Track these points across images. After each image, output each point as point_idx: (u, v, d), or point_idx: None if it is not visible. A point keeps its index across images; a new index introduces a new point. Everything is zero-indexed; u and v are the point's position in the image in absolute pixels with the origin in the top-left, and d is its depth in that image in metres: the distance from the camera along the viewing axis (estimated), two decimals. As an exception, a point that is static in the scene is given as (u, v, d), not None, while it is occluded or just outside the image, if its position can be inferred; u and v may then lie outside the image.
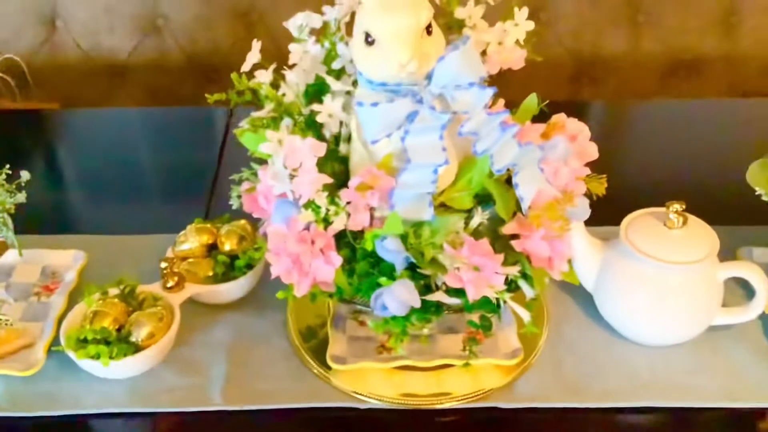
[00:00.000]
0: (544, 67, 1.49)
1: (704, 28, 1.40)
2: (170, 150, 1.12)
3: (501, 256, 0.60)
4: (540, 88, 1.57)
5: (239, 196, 0.72)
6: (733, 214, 0.89)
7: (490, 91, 0.60)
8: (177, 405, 0.72)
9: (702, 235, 0.75)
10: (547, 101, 0.74)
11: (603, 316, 0.79)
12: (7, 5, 1.38)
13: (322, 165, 0.64)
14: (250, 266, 0.80)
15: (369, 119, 0.59)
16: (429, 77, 0.60)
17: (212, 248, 0.82)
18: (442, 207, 0.64)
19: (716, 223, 0.77)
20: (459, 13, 0.71)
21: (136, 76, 1.45)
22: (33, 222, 0.87)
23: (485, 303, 0.63)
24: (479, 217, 0.61)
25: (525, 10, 0.70)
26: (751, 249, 0.87)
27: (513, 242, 0.61)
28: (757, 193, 0.77)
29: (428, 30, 0.59)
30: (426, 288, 0.62)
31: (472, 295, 0.59)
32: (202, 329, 0.79)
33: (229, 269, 0.80)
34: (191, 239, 0.82)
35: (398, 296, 0.59)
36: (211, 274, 0.80)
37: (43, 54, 1.42)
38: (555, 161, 0.65)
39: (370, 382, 0.75)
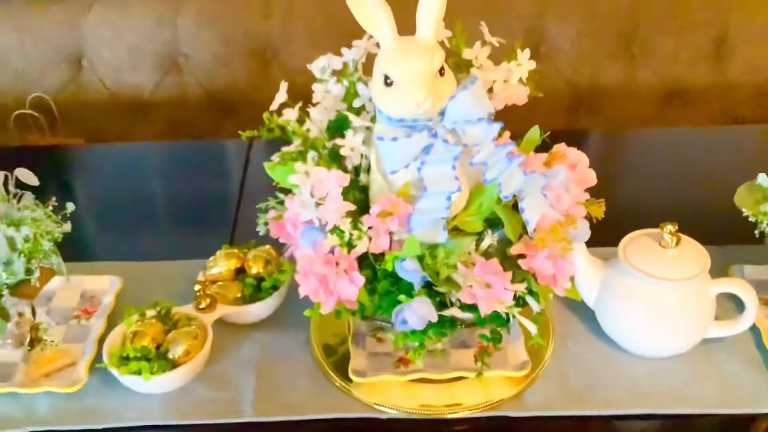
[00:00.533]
0: (544, 99, 1.56)
1: (696, 59, 1.47)
2: (192, 181, 1.19)
3: (509, 274, 0.66)
4: (540, 119, 1.65)
5: (266, 223, 0.79)
6: (725, 234, 0.96)
7: (497, 126, 0.67)
8: (211, 417, 0.78)
9: (694, 254, 0.81)
10: (548, 132, 0.81)
11: (604, 331, 0.85)
12: (37, 47, 1.46)
13: (345, 194, 0.71)
14: (275, 288, 0.86)
15: (389, 152, 0.66)
16: (442, 114, 0.67)
17: (240, 272, 0.88)
18: (455, 230, 0.71)
19: (709, 243, 0.83)
20: (467, 53, 0.78)
21: (157, 111, 1.53)
22: (69, 250, 0.94)
23: (495, 318, 0.69)
24: (489, 239, 0.68)
25: (527, 52, 0.76)
26: (742, 267, 0.93)
27: (520, 261, 0.67)
28: (744, 215, 0.83)
29: (441, 72, 0.66)
30: (441, 304, 0.68)
31: (484, 310, 0.66)
32: (232, 347, 0.85)
33: (256, 291, 0.86)
34: (221, 263, 0.88)
35: (417, 311, 0.65)
36: (239, 295, 0.86)
37: (70, 92, 1.49)
38: (557, 188, 0.72)
39: (389, 394, 0.80)
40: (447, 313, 0.67)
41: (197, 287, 0.83)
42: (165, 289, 0.90)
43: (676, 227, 0.80)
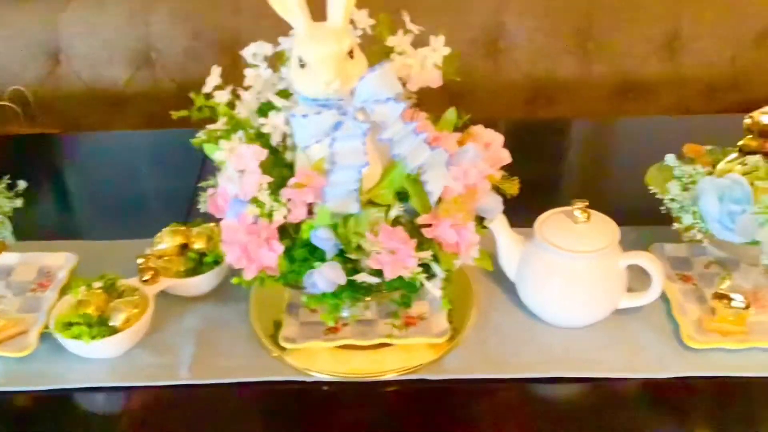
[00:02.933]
0: (503, 90, 1.63)
1: (650, 53, 1.53)
2: (155, 166, 1.25)
3: (414, 242, 0.72)
4: (500, 109, 1.72)
5: (205, 201, 0.84)
6: (655, 216, 1.01)
7: (402, 105, 0.72)
8: (149, 380, 0.84)
9: (605, 229, 0.86)
10: (469, 116, 0.86)
11: (524, 302, 0.90)
12: (15, 41, 1.52)
13: (271, 170, 0.77)
14: (217, 262, 0.92)
15: (300, 128, 0.71)
16: (353, 93, 0.72)
17: (185, 248, 0.94)
18: (370, 203, 0.76)
19: (637, 224, 0.88)
20: (390, 41, 0.84)
21: (132, 104, 1.59)
22: (33, 229, 1.01)
23: (405, 284, 0.75)
24: (396, 210, 0.73)
25: (441, 38, 0.82)
26: (663, 245, 0.98)
27: (424, 230, 0.73)
28: (652, 192, 0.88)
29: (351, 54, 0.72)
30: (354, 271, 0.74)
31: (389, 275, 0.71)
32: (175, 318, 0.91)
33: (199, 265, 0.92)
34: (166, 239, 0.94)
35: (326, 275, 0.70)
36: (183, 269, 0.92)
37: (48, 85, 1.55)
38: (466, 164, 0.77)
39: (319, 360, 0.86)
40: (357, 278, 0.73)
41: (140, 260, 0.89)
42: (117, 265, 0.95)
43: (586, 203, 0.86)
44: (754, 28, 1.53)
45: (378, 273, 0.72)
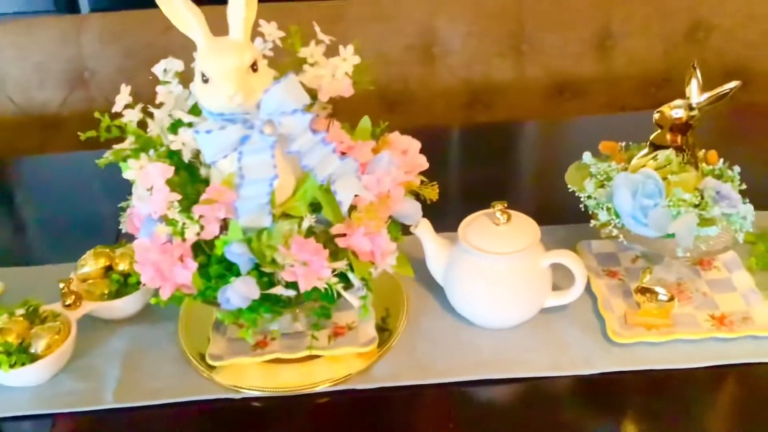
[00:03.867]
0: (441, 96, 1.64)
1: (582, 52, 1.55)
2: (88, 189, 1.24)
3: (327, 252, 0.71)
4: (439, 115, 1.72)
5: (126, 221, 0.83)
6: (584, 214, 1.02)
7: (309, 116, 0.72)
8: (72, 406, 0.82)
9: (526, 229, 0.87)
10: (386, 124, 0.87)
11: (452, 306, 0.90)
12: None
13: (185, 186, 0.76)
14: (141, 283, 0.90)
15: (205, 144, 0.71)
16: (259, 107, 0.72)
17: (109, 269, 0.93)
18: (285, 216, 0.76)
19: (567, 222, 0.88)
20: (303, 52, 0.84)
21: (67, 126, 1.57)
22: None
23: (324, 295, 0.74)
24: (308, 221, 0.73)
25: (350, 47, 0.82)
26: (590, 242, 0.99)
27: (337, 240, 0.73)
28: (570, 190, 0.89)
29: (254, 68, 0.71)
30: (271, 284, 0.73)
31: (303, 287, 0.71)
32: (101, 341, 0.90)
33: (123, 287, 0.91)
34: (90, 262, 0.92)
35: (239, 291, 0.70)
36: (107, 292, 0.90)
37: (-19, 111, 1.53)
38: (380, 171, 0.77)
39: (248, 377, 0.85)
40: (272, 291, 0.72)
41: (61, 285, 0.87)
42: (44, 291, 0.93)
43: (505, 205, 0.86)
44: (684, 23, 1.56)
45: (293, 285, 0.72)
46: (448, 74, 1.55)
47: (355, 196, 0.74)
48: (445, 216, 0.91)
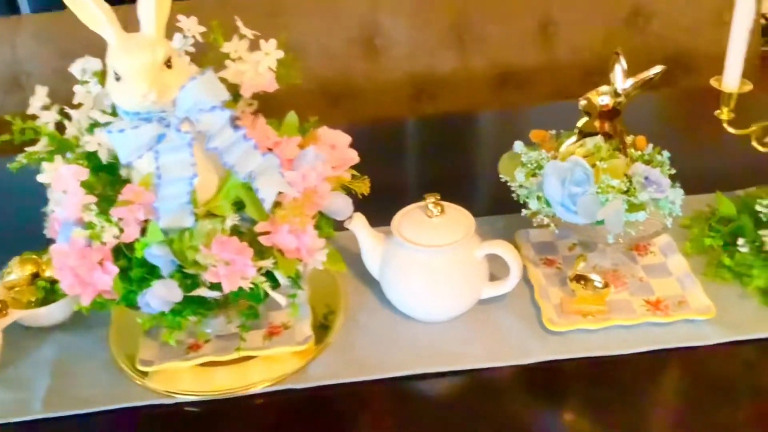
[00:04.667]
0: (386, 89, 1.62)
1: (525, 42, 1.55)
2: (21, 194, 1.20)
3: (251, 251, 0.70)
4: (385, 107, 1.71)
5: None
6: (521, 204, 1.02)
7: (228, 112, 0.70)
8: (0, 417, 0.80)
9: (460, 220, 0.86)
10: (315, 119, 0.85)
11: (389, 300, 0.89)
12: None
13: (105, 188, 0.74)
14: (71, 289, 0.88)
15: (119, 144, 0.69)
16: (175, 104, 0.70)
17: (37, 276, 0.90)
18: (210, 215, 0.74)
19: (509, 212, 0.88)
20: (226, 47, 0.82)
21: (5, 130, 1.52)
22: None
23: (251, 295, 0.73)
24: (231, 220, 0.71)
25: (273, 42, 0.80)
26: (528, 231, 0.99)
27: (261, 238, 0.71)
28: (503, 180, 0.89)
29: (168, 64, 0.69)
30: (196, 286, 0.72)
31: (227, 287, 0.69)
32: (30, 350, 0.87)
33: (51, 294, 0.88)
34: (16, 270, 0.90)
35: (159, 294, 0.68)
36: (34, 299, 0.88)
37: None
38: (305, 167, 0.76)
39: (182, 381, 0.83)
40: (195, 293, 0.70)
41: (-16, 294, 0.85)
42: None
43: (438, 197, 0.85)
44: (625, 8, 1.57)
45: (217, 286, 0.70)
46: (392, 67, 1.54)
47: (280, 193, 0.72)
48: (385, 210, 0.90)
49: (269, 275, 0.73)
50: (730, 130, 0.89)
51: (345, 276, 0.95)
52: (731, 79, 0.86)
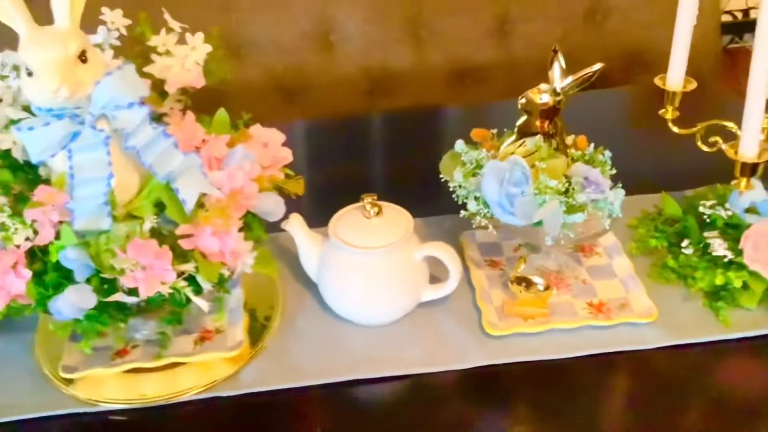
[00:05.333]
0: (340, 85, 1.59)
1: (482, 37, 1.52)
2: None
3: (170, 254, 0.67)
4: (340, 103, 1.68)
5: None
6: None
7: (146, 109, 0.67)
8: None
9: (398, 221, 0.84)
10: (249, 116, 0.82)
11: (327, 304, 0.87)
12: None
13: (22, 188, 0.71)
14: (-7, 292, 0.84)
15: (29, 142, 0.66)
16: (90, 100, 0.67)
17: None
18: (131, 216, 0.71)
19: (455, 212, 0.86)
20: (153, 41, 0.79)
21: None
22: None
23: (173, 300, 0.70)
24: (149, 222, 0.68)
25: (200, 35, 0.77)
26: (474, 232, 0.97)
27: (181, 241, 0.68)
28: (443, 180, 0.86)
29: (82, 58, 0.66)
30: (114, 291, 0.68)
31: (144, 292, 0.66)
32: (-49, 357, 0.84)
33: (-28, 297, 0.84)
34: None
35: (70, 300, 0.65)
36: (-46, 303, 0.84)
37: None
38: (232, 167, 0.73)
39: (108, 388, 0.80)
40: (112, 298, 0.67)
41: None
42: None
43: (375, 197, 0.83)
44: (582, 5, 1.55)
45: (135, 291, 0.67)
46: (346, 62, 1.51)
47: (204, 194, 0.70)
48: (333, 209, 0.87)
49: (192, 279, 0.70)
50: (675, 129, 0.88)
51: (285, 278, 0.92)
52: (675, 77, 0.84)
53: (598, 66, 0.81)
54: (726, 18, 2.34)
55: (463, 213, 0.83)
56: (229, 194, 0.71)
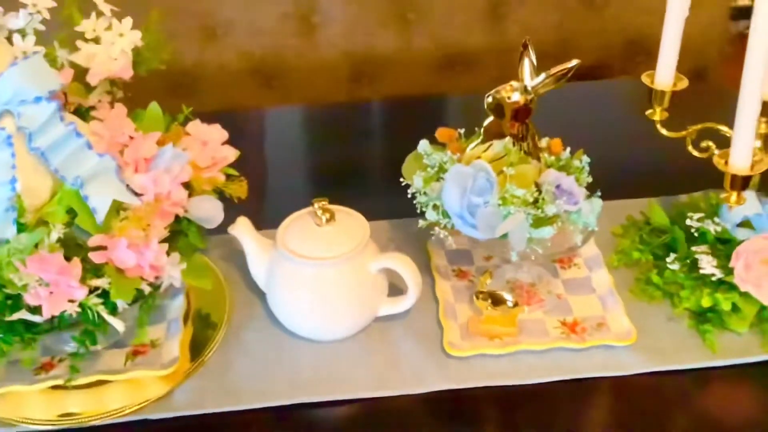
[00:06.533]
0: (322, 70, 1.51)
1: (473, 21, 1.43)
2: None
3: (77, 269, 0.60)
4: (321, 90, 1.59)
5: None
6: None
7: (54, 105, 0.59)
8: None
9: (352, 229, 0.76)
10: (190, 109, 0.75)
11: (276, 316, 0.79)
12: None
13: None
14: None
15: None
16: (-6, 95, 0.59)
17: None
18: (43, 223, 0.63)
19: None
20: (83, 25, 0.71)
21: None
22: None
23: (86, 318, 0.63)
24: (57, 233, 0.61)
25: (129, 20, 0.69)
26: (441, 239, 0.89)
27: (92, 254, 0.61)
28: (403, 184, 0.78)
29: (-19, 48, 0.59)
30: (18, 308, 0.61)
31: (49, 311, 0.59)
32: None
33: None
34: None
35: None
36: None
37: None
38: (159, 170, 0.65)
39: (29, 407, 0.73)
40: (15, 317, 0.60)
41: None
42: None
43: (326, 202, 0.75)
44: (581, -10, 1.46)
45: (39, 310, 0.60)
46: (328, 46, 1.43)
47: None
48: (294, 207, 0.80)
49: (107, 295, 0.63)
50: (663, 131, 0.79)
51: (236, 284, 0.85)
52: (664, 75, 0.75)
53: (573, 62, 0.72)
54: (744, 1, 2.23)
55: (421, 223, 0.75)
56: (153, 200, 0.63)
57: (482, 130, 0.74)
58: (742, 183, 0.67)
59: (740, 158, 0.66)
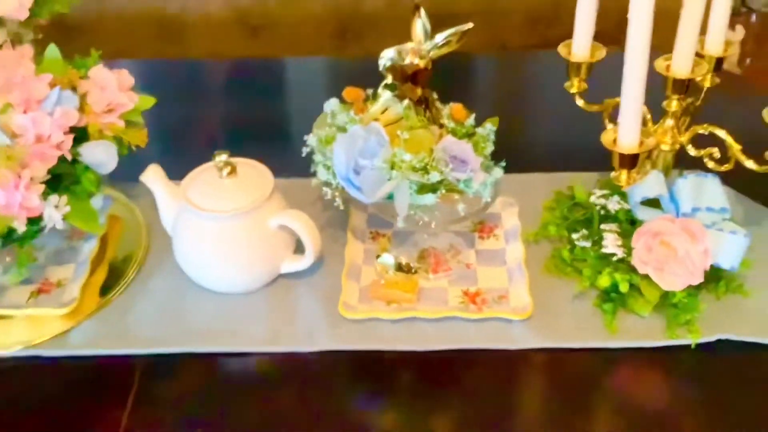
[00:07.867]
0: (306, 23, 1.50)
1: (463, -18, 1.39)
2: None
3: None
4: (307, 44, 1.58)
5: None
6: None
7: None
8: None
9: (255, 183, 0.76)
10: (99, 52, 0.75)
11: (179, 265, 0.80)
12: None
13: None
14: None
15: None
16: None
17: None
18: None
19: None
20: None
21: None
22: None
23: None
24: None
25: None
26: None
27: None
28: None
29: None
30: None
31: None
32: None
33: None
34: None
35: None
36: None
37: None
38: (39, 112, 0.66)
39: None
40: None
41: None
42: None
43: (228, 155, 0.75)
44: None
45: None
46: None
47: (-2, 140, 0.63)
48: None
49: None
50: (580, 104, 0.76)
51: (155, 229, 0.86)
52: (581, 45, 0.72)
53: (467, 26, 0.70)
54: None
55: (313, 182, 0.74)
56: (34, 141, 0.64)
57: (381, 90, 0.73)
58: (630, 162, 0.64)
59: (627, 136, 0.62)
